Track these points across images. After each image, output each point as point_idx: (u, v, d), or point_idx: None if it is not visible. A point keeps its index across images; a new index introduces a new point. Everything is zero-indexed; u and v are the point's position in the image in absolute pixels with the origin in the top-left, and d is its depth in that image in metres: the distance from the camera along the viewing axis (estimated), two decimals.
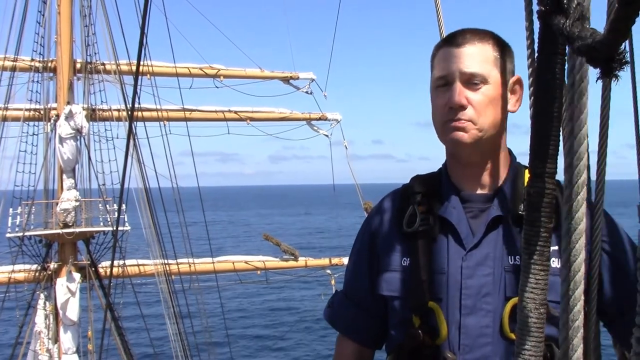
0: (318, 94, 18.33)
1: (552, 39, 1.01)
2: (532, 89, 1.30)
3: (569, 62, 1.02)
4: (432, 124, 1.74)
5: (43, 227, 15.22)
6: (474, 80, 1.63)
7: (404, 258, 1.70)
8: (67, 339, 14.76)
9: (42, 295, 14.98)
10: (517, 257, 1.60)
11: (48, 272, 15.22)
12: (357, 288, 1.87)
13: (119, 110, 15.77)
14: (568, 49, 1.02)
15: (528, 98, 1.24)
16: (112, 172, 15.55)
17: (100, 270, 15.41)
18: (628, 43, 1.68)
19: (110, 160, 15.67)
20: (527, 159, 1.13)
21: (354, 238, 1.92)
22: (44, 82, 15.69)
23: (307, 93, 18.12)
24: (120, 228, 13.89)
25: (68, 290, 14.44)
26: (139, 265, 15.94)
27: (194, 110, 17.31)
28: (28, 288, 15.56)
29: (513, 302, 1.57)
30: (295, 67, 19.79)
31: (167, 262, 14.99)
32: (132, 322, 21.56)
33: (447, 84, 1.65)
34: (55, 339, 15.04)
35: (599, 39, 0.73)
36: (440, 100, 1.66)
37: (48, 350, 14.66)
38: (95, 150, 15.79)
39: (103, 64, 15.68)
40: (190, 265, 15.60)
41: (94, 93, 15.90)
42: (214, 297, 16.71)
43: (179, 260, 15.38)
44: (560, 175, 1.09)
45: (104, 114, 15.94)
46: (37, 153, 15.66)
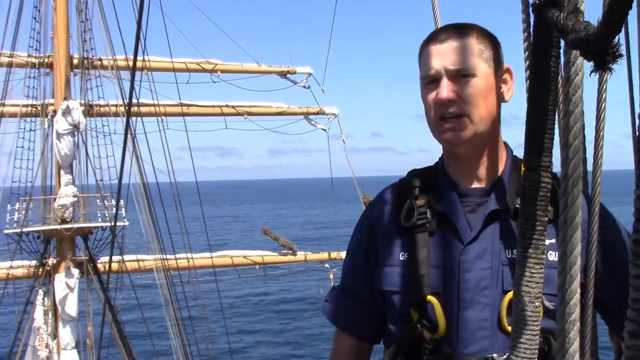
0: (315, 88, 18.32)
1: (546, 32, 1.01)
2: (527, 82, 1.30)
3: (565, 55, 1.02)
4: None
5: (41, 223, 15.21)
6: (461, 74, 1.63)
7: (402, 252, 1.70)
8: (66, 335, 14.77)
9: (40, 291, 14.97)
10: (514, 250, 1.60)
11: (46, 268, 15.22)
12: (355, 282, 1.87)
13: (117, 106, 15.74)
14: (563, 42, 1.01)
15: (525, 91, 1.25)
16: (109, 167, 15.53)
17: (99, 266, 15.42)
18: (624, 36, 1.68)
19: (108, 156, 15.65)
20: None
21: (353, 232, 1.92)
22: (41, 77, 15.66)
23: (304, 87, 18.09)
24: (119, 223, 13.89)
25: (67, 286, 14.44)
26: (138, 261, 15.96)
27: (192, 105, 17.26)
28: (26, 284, 15.57)
29: (510, 295, 1.56)
30: (293, 61, 19.75)
31: (165, 257, 15.00)
32: (131, 317, 21.60)
33: (434, 81, 1.66)
34: (54, 335, 15.06)
35: (592, 32, 0.73)
36: (430, 98, 1.67)
37: (47, 346, 14.67)
38: (93, 146, 15.77)
39: (100, 60, 15.63)
40: (189, 260, 15.60)
41: (91, 88, 15.84)
42: (213, 291, 16.73)
43: (178, 256, 15.39)
44: (557, 168, 1.09)
45: (101, 110, 15.89)
46: (34, 149, 15.69)
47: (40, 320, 14.71)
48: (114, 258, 14.11)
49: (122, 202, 11.29)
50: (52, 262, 15.26)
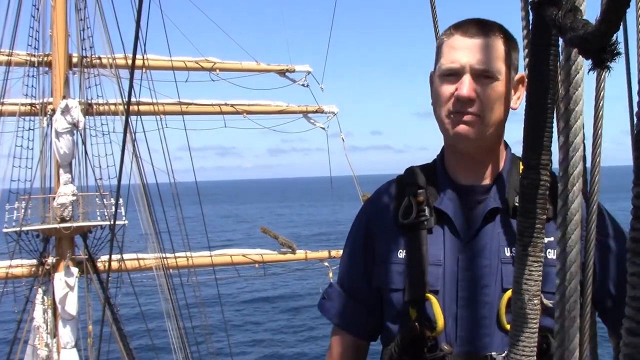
0: (314, 87, 18.30)
1: (545, 30, 1.01)
2: (527, 81, 1.30)
3: (565, 53, 1.02)
4: (431, 115, 1.70)
5: (40, 222, 15.20)
6: (484, 75, 1.59)
7: (400, 250, 1.69)
8: (65, 333, 14.77)
9: (40, 290, 14.97)
10: (513, 248, 1.60)
11: (46, 266, 15.21)
12: (352, 279, 1.86)
13: (115, 104, 15.73)
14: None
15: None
16: (108, 166, 15.53)
17: (99, 265, 15.42)
18: (622, 34, 1.68)
19: (107, 155, 15.65)
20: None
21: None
22: (40, 76, 15.66)
23: (303, 86, 18.08)
24: (118, 222, 13.87)
25: (66, 285, 14.44)
26: (138, 260, 15.95)
27: (190, 104, 17.25)
28: (26, 283, 15.56)
29: (509, 293, 1.56)
30: (292, 59, 19.68)
31: (165, 256, 15.00)
32: (130, 315, 21.60)
33: (455, 75, 1.61)
34: (54, 334, 15.06)
35: (590, 30, 0.73)
36: (447, 91, 1.62)
37: (47, 345, 14.68)
38: (92, 145, 15.77)
39: (99, 58, 15.61)
40: (188, 259, 15.60)
41: (90, 87, 15.84)
42: (212, 290, 16.73)
43: (177, 254, 15.39)
44: (556, 166, 1.09)
45: (100, 108, 15.88)
46: (33, 148, 15.68)
47: (40, 319, 14.70)
48: (114, 257, 14.11)
49: (121, 200, 11.31)
50: (51, 261, 15.25)
